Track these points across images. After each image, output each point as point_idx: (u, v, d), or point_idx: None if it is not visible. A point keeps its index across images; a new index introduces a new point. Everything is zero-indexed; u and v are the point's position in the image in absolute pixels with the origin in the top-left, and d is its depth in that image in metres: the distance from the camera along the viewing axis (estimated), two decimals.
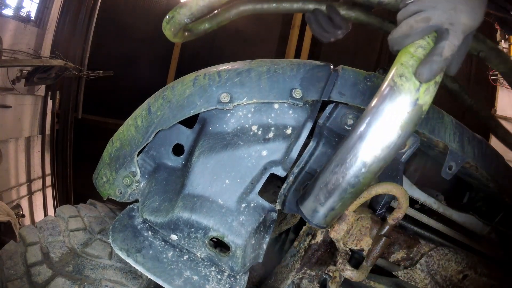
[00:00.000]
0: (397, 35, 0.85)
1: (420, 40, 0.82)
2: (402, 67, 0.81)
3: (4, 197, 6.24)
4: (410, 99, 0.80)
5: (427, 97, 0.81)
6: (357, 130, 0.87)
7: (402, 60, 0.82)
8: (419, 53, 0.81)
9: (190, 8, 1.25)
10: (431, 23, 0.81)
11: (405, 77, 0.80)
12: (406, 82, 0.80)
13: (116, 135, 1.34)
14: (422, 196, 1.52)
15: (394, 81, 0.81)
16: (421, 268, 1.41)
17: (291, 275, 1.48)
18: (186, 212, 1.17)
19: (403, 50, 0.84)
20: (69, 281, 1.30)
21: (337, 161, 0.91)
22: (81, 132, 7.66)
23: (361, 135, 0.86)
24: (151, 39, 7.46)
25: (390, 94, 0.81)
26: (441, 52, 0.80)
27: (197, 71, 1.27)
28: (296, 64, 1.22)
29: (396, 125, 0.82)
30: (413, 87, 0.80)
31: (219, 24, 1.77)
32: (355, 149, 0.87)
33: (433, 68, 0.79)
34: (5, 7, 5.65)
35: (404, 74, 0.80)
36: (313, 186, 1.00)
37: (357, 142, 0.87)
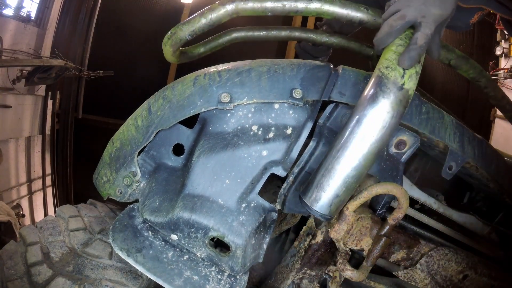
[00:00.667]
0: (381, 35, 0.99)
1: (398, 40, 0.97)
2: (387, 61, 0.96)
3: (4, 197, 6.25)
4: (397, 84, 0.94)
5: (411, 83, 0.95)
6: (355, 116, 0.97)
7: (386, 56, 0.97)
8: (399, 49, 0.96)
9: (192, 25, 1.35)
10: (407, 19, 0.95)
11: (391, 67, 0.95)
12: (391, 71, 0.94)
13: (116, 135, 1.34)
14: (422, 196, 1.52)
15: (381, 72, 0.95)
16: (421, 268, 1.41)
17: (291, 275, 1.48)
18: (187, 212, 1.17)
19: (386, 48, 0.99)
20: (69, 281, 1.30)
21: (338, 146, 0.99)
22: (81, 132, 7.66)
23: (359, 119, 0.96)
24: (151, 39, 7.46)
25: (380, 82, 0.95)
26: (416, 42, 0.93)
27: (197, 71, 1.27)
28: (296, 64, 1.22)
29: (388, 106, 0.93)
30: (398, 75, 0.94)
31: (213, 49, 1.97)
32: (354, 132, 0.96)
33: (412, 55, 0.93)
34: (5, 7, 5.66)
35: (390, 66, 0.95)
36: (315, 175, 1.03)
37: (355, 126, 0.96)
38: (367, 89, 0.97)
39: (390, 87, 0.93)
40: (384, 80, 0.94)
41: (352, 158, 0.97)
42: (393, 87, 0.93)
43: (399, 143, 1.25)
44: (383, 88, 0.94)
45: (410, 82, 0.94)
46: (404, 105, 0.95)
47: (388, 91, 0.93)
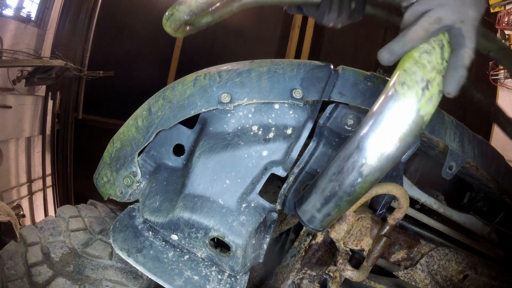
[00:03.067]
0: (408, 38, 0.78)
1: (425, 44, 0.77)
2: (404, 74, 0.76)
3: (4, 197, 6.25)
4: (411, 109, 0.74)
5: (429, 107, 0.75)
6: (355, 138, 0.83)
7: (405, 66, 0.77)
8: (423, 59, 0.76)
9: (189, 6, 1.25)
10: (442, 23, 0.75)
11: (407, 85, 0.75)
12: (407, 90, 0.75)
13: (116, 135, 1.34)
14: (422, 196, 1.52)
15: (395, 89, 0.76)
16: (421, 268, 1.41)
17: (291, 275, 1.48)
18: (187, 212, 1.17)
19: (407, 55, 0.78)
20: (69, 281, 1.30)
21: (334, 169, 0.88)
22: (82, 132, 7.66)
23: (359, 145, 0.82)
24: (151, 39, 7.46)
25: (390, 103, 0.76)
26: (463, 63, 0.76)
27: (197, 72, 1.27)
28: (296, 64, 1.23)
29: (395, 136, 0.77)
30: (415, 96, 0.74)
31: (221, 17, 1.75)
32: (352, 158, 0.83)
33: (460, 82, 0.75)
34: (5, 7, 5.66)
35: (406, 82, 0.75)
36: (310, 191, 0.99)
37: (354, 151, 0.83)
38: (374, 109, 0.80)
39: (402, 112, 0.75)
40: (396, 101, 0.76)
41: (346, 185, 0.85)
42: (406, 112, 0.75)
43: None
44: (393, 113, 0.76)
45: (429, 106, 0.75)
46: (416, 134, 0.78)
47: (399, 118, 0.75)
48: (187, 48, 7.64)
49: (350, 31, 7.27)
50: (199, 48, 7.67)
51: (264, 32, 7.66)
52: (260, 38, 7.67)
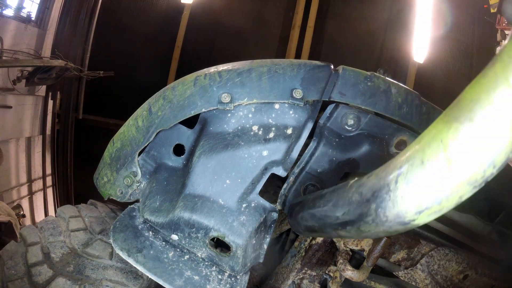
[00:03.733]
0: None
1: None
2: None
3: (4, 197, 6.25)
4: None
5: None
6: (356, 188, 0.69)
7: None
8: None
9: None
10: None
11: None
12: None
13: (117, 135, 1.34)
14: None
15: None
16: (421, 268, 1.41)
17: (291, 275, 1.48)
18: (187, 212, 1.17)
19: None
20: (69, 281, 1.30)
21: (328, 205, 0.81)
22: (82, 133, 7.66)
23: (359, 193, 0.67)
24: (151, 39, 7.47)
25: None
26: None
27: (197, 72, 1.27)
28: (296, 64, 1.22)
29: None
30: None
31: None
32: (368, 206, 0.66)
33: None
34: (5, 7, 5.66)
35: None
36: (302, 207, 0.99)
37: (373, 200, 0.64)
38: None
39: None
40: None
41: (333, 219, 0.77)
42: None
43: (399, 143, 1.25)
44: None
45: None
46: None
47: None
48: (187, 48, 7.64)
49: (351, 31, 7.27)
50: (200, 48, 7.68)
51: (264, 32, 7.66)
52: (260, 38, 7.67)
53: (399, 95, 1.21)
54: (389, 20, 7.35)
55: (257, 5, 7.52)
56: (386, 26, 7.36)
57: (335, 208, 0.77)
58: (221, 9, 7.24)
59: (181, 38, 7.57)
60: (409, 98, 1.23)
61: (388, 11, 7.31)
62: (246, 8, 7.37)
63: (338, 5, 7.56)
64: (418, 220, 0.51)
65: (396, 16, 7.28)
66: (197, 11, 7.47)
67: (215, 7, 7.29)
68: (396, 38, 7.23)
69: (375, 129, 1.24)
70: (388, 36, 7.32)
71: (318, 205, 0.88)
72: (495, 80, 0.43)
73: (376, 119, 1.23)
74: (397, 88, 1.22)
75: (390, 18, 7.35)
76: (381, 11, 7.23)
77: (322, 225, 0.85)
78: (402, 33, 7.13)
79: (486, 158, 0.44)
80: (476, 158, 0.44)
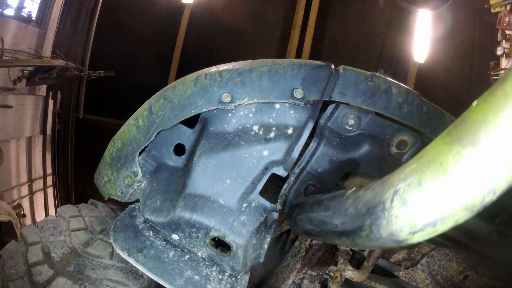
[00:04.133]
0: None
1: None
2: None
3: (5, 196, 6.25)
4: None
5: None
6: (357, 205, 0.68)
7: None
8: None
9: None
10: None
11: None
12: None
13: (117, 135, 1.34)
14: None
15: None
16: (422, 269, 1.41)
17: (292, 275, 1.48)
18: (188, 212, 1.17)
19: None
20: (70, 280, 1.30)
21: (325, 212, 0.83)
22: (82, 132, 7.67)
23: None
24: (152, 39, 7.47)
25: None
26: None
27: (198, 71, 1.27)
28: (297, 64, 1.22)
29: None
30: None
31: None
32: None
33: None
34: (6, 7, 5.66)
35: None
36: (301, 210, 1.00)
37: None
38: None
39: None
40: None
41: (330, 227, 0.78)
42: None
43: (400, 143, 1.25)
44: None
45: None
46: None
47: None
48: (187, 48, 7.64)
49: (351, 31, 7.27)
50: (200, 48, 7.68)
51: (265, 32, 7.66)
52: (260, 38, 7.67)
53: (399, 95, 1.21)
54: (389, 20, 7.35)
55: (257, 5, 7.52)
56: (386, 26, 7.36)
57: (331, 217, 0.77)
58: (222, 9, 7.24)
59: (182, 38, 7.57)
60: (410, 98, 1.23)
61: (389, 11, 7.31)
62: (246, 8, 7.37)
63: (338, 5, 7.56)
64: (412, 240, 0.50)
65: (396, 16, 7.28)
66: (197, 11, 7.48)
67: (216, 7, 7.30)
68: (396, 38, 7.23)
69: (375, 129, 1.23)
70: (389, 36, 7.32)
71: (315, 211, 0.89)
72: (504, 100, 0.40)
73: (376, 119, 1.23)
74: (397, 88, 1.22)
75: (391, 18, 7.35)
76: (381, 11, 7.23)
77: (319, 231, 0.86)
78: (402, 33, 7.13)
79: (487, 185, 0.42)
80: (477, 184, 0.43)
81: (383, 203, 0.54)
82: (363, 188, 0.65)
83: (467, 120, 0.44)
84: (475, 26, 7.07)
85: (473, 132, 0.43)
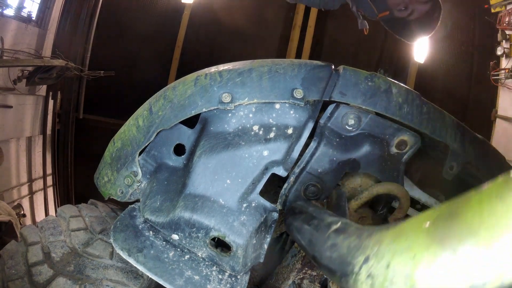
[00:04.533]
0: None
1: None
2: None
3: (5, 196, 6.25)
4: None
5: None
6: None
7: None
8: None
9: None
10: None
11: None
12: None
13: (117, 135, 1.34)
14: (423, 197, 1.52)
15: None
16: None
17: (292, 275, 1.48)
18: (188, 212, 1.17)
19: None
20: (70, 280, 1.30)
21: (307, 235, 0.86)
22: (82, 132, 7.67)
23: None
24: (152, 39, 7.47)
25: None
26: None
27: (198, 71, 1.27)
28: (297, 64, 1.22)
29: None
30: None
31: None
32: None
33: None
34: (6, 7, 5.66)
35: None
36: (294, 219, 1.01)
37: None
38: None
39: None
40: None
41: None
42: None
43: (400, 143, 1.25)
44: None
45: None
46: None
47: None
48: (187, 48, 7.64)
49: (351, 31, 7.27)
50: (200, 48, 7.68)
51: (265, 32, 7.67)
52: (260, 38, 7.68)
53: (399, 95, 1.21)
54: None
55: (257, 5, 7.52)
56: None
57: (311, 246, 0.80)
58: (222, 9, 7.24)
59: (182, 38, 7.57)
60: (410, 98, 1.23)
61: None
62: (246, 8, 7.37)
63: None
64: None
65: None
66: (197, 11, 7.48)
67: (216, 7, 7.30)
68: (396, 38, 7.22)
69: (375, 129, 1.24)
70: (389, 36, 7.32)
71: (302, 230, 0.91)
72: (506, 220, 0.32)
73: (376, 119, 1.23)
74: (397, 88, 1.22)
75: None
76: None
77: (301, 246, 0.88)
78: None
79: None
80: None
81: (353, 265, 0.55)
82: (343, 234, 0.66)
83: (460, 216, 0.38)
84: (475, 26, 7.08)
85: (457, 237, 0.37)
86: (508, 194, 0.32)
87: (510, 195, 0.31)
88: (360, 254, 0.54)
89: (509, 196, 0.31)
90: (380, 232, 0.53)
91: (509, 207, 0.31)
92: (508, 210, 0.31)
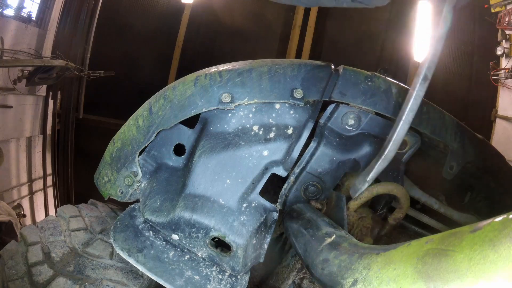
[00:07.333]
0: None
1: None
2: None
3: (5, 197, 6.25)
4: None
5: None
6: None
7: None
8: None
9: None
10: None
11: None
12: None
13: (117, 135, 1.34)
14: (423, 196, 1.52)
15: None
16: None
17: (292, 275, 1.48)
18: (188, 212, 1.17)
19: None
20: (70, 280, 1.30)
21: (302, 242, 0.91)
22: (82, 132, 7.67)
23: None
24: (152, 39, 7.46)
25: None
26: None
27: (198, 71, 1.27)
28: (297, 64, 1.22)
29: None
30: None
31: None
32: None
33: None
34: (6, 7, 5.65)
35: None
36: (291, 220, 1.00)
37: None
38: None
39: None
40: None
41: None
42: None
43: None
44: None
45: None
46: None
47: None
48: (188, 48, 7.64)
49: (351, 31, 7.27)
50: (200, 48, 7.68)
51: (265, 32, 7.66)
52: (260, 38, 7.67)
53: (399, 95, 1.21)
54: (389, 20, 7.35)
55: (257, 5, 7.51)
56: (386, 26, 7.35)
57: (305, 254, 0.83)
58: (222, 9, 7.24)
59: (182, 38, 7.57)
60: None
61: (389, 11, 7.31)
62: (246, 8, 7.36)
63: None
64: None
65: (396, 16, 7.28)
66: (197, 11, 7.47)
67: (216, 7, 7.29)
68: (396, 38, 7.23)
69: (375, 129, 1.24)
70: (389, 36, 7.32)
71: (299, 235, 0.94)
72: (495, 267, 0.31)
73: (376, 119, 1.23)
74: (397, 88, 1.22)
75: (391, 18, 7.35)
76: (381, 11, 7.22)
77: (297, 252, 0.92)
78: (402, 33, 7.13)
79: None
80: None
81: (342, 286, 0.58)
82: (335, 250, 0.70)
83: (449, 259, 0.38)
84: (475, 26, 7.07)
85: (445, 279, 0.38)
86: (501, 241, 0.31)
87: (503, 242, 0.31)
88: (349, 276, 0.56)
89: (502, 244, 0.31)
90: (370, 256, 0.54)
91: (500, 256, 0.30)
92: (498, 259, 0.30)
